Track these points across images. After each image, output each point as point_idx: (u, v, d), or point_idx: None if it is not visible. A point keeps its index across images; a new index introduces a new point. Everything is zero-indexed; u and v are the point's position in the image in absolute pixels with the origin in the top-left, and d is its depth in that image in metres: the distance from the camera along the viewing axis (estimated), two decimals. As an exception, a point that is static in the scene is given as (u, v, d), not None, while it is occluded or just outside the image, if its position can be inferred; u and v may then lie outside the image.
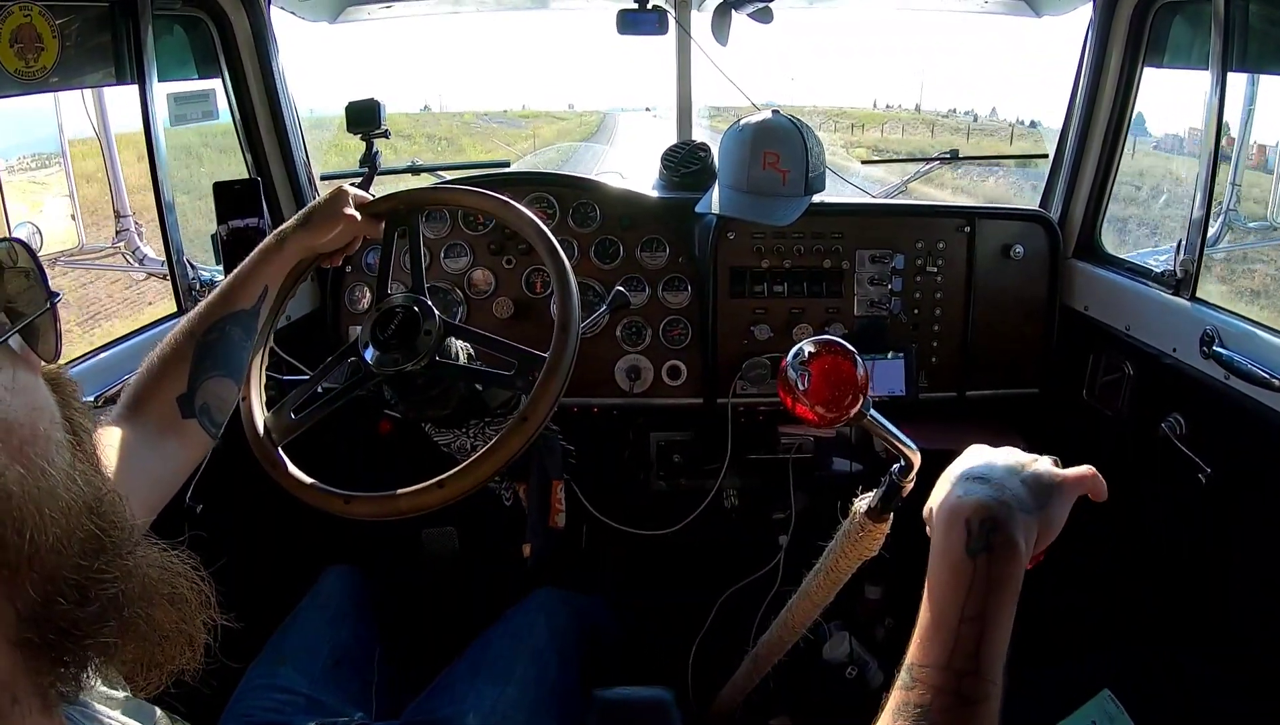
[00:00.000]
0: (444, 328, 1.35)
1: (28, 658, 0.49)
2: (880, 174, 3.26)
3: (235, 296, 1.20)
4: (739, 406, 2.17)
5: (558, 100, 31.60)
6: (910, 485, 1.17)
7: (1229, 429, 1.64)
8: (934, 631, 0.63)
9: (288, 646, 1.50)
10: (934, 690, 0.60)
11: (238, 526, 1.90)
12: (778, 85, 15.52)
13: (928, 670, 0.61)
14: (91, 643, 0.52)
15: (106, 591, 0.52)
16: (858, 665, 2.12)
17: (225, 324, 1.17)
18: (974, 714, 0.60)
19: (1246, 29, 1.70)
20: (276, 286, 1.26)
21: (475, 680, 1.43)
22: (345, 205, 1.32)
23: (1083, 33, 2.10)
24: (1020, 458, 0.75)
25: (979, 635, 0.61)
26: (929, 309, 2.18)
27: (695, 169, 2.27)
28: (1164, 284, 1.86)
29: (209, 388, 1.12)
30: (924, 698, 0.60)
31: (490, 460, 1.16)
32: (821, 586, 1.36)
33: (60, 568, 0.50)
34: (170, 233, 1.87)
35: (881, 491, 1.20)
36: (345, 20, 2.44)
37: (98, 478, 0.55)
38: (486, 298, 2.20)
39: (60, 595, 0.50)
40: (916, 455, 1.14)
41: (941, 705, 0.60)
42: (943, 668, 0.61)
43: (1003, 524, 0.66)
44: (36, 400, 0.52)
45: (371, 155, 2.11)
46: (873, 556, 1.29)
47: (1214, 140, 1.74)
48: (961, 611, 0.62)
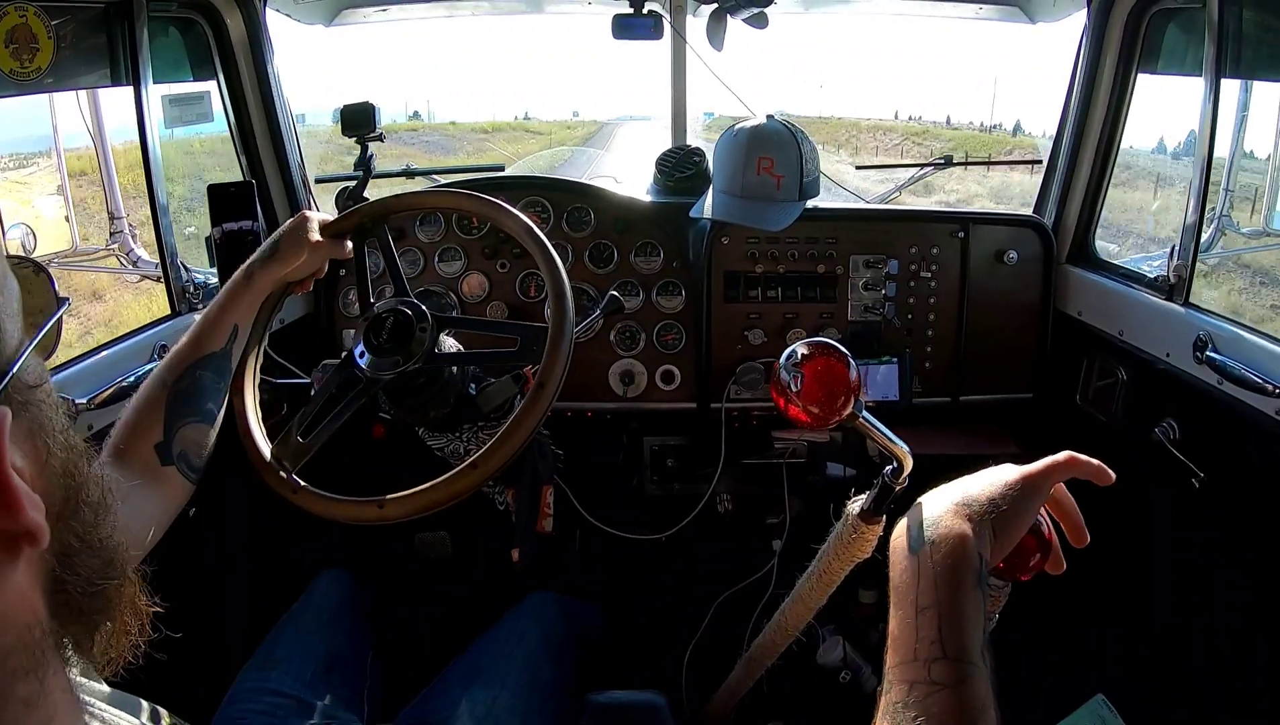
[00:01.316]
0: (436, 323, 1.35)
1: (51, 615, 0.51)
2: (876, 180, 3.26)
3: (205, 340, 1.21)
4: (733, 411, 2.17)
5: (562, 110, 31.47)
6: (902, 487, 1.17)
7: (1222, 434, 1.65)
8: (899, 631, 0.64)
9: (280, 650, 1.49)
10: (909, 684, 0.61)
11: (231, 531, 1.89)
12: (802, 92, 15.59)
13: (899, 668, 0.63)
14: (86, 610, 0.54)
15: (104, 556, 0.54)
16: (851, 670, 2.12)
17: (196, 369, 1.18)
18: (954, 696, 0.60)
19: (1240, 35, 1.70)
20: (247, 324, 1.26)
21: (468, 685, 1.43)
22: (309, 232, 1.32)
23: (1076, 39, 2.11)
24: (992, 474, 0.78)
25: (936, 622, 0.63)
26: (923, 314, 2.19)
27: (690, 174, 2.27)
28: (1157, 289, 1.86)
29: (185, 435, 1.14)
30: (903, 694, 0.61)
31: (510, 441, 1.17)
32: (814, 589, 1.36)
33: (84, 524, 0.53)
34: (164, 235, 1.87)
35: (874, 493, 1.20)
36: (340, 23, 2.44)
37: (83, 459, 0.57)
38: (480, 302, 2.20)
39: (81, 552, 0.53)
40: (908, 457, 1.14)
41: (919, 697, 0.60)
42: (910, 662, 0.62)
43: (939, 517, 0.71)
44: (48, 377, 0.55)
45: (366, 159, 2.11)
46: (865, 559, 1.29)
47: (1208, 146, 1.75)
48: (916, 605, 0.64)
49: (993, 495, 0.73)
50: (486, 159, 13.25)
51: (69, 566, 0.51)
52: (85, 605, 0.53)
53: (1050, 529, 0.81)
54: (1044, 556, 0.80)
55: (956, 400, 2.22)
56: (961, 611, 0.64)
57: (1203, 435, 1.70)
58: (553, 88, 70.03)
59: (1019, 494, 0.73)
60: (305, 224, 1.32)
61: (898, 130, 18.29)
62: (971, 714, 0.59)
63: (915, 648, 0.62)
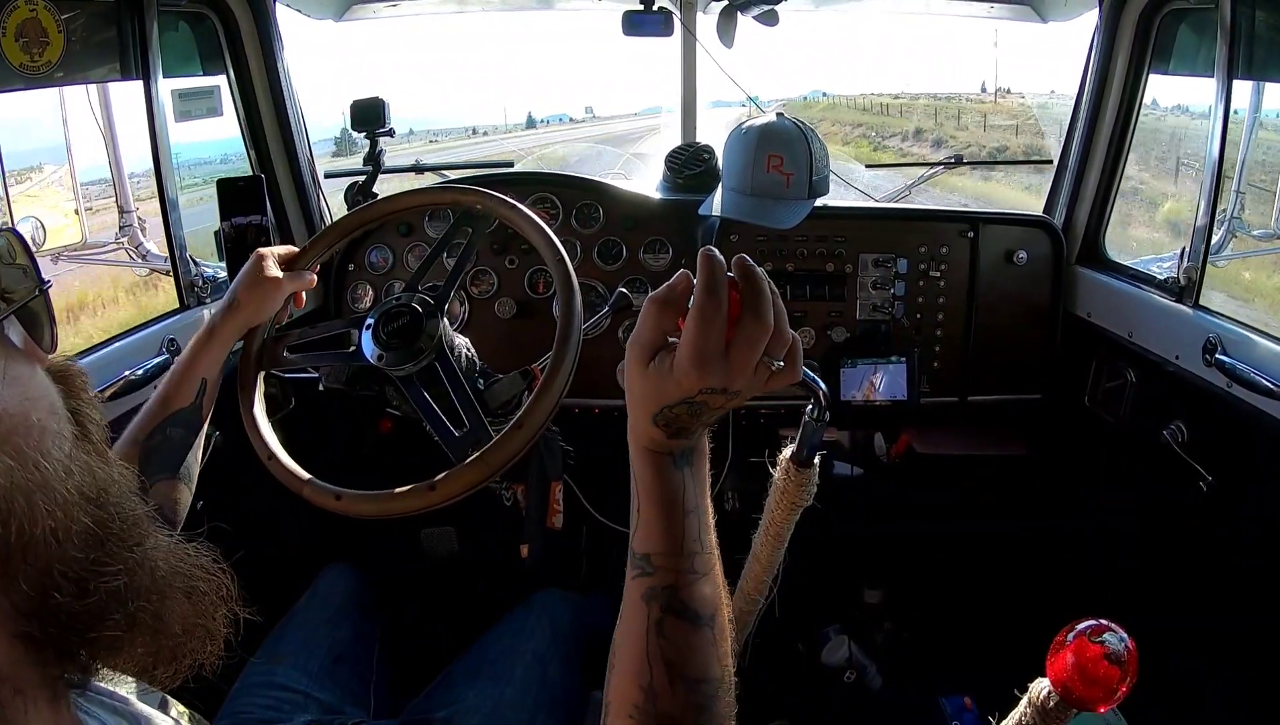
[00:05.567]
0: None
1: (29, 650, 0.49)
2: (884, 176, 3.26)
3: (174, 397, 1.21)
4: (740, 409, 2.17)
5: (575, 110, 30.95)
6: (821, 424, 1.22)
7: (1231, 437, 1.64)
8: (664, 529, 0.72)
9: (286, 644, 1.50)
10: (676, 573, 0.71)
11: (237, 523, 1.90)
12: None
13: (664, 557, 0.71)
14: (95, 636, 0.51)
15: (108, 584, 0.52)
16: (856, 669, 2.13)
17: (166, 426, 1.19)
18: (709, 581, 0.72)
19: (1253, 35, 1.69)
20: (215, 379, 1.26)
21: (475, 681, 1.43)
22: (267, 271, 1.31)
23: (1088, 38, 2.10)
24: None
25: (697, 523, 0.73)
26: (931, 313, 2.18)
27: (699, 171, 2.27)
28: (1167, 291, 1.86)
29: (159, 490, 1.16)
30: (669, 579, 0.71)
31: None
32: (767, 544, 1.39)
33: (56, 560, 0.49)
34: (173, 229, 1.87)
35: (799, 436, 1.24)
36: (350, 18, 2.44)
37: (103, 469, 0.55)
38: (489, 298, 2.20)
39: (56, 589, 0.49)
40: (823, 391, 1.20)
41: (684, 582, 0.71)
42: (679, 553, 0.71)
43: (688, 441, 0.74)
44: (31, 391, 0.52)
45: (375, 154, 2.11)
46: (808, 506, 1.32)
47: (1219, 146, 1.74)
48: (682, 508, 0.72)
49: (665, 401, 0.71)
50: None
51: (50, 604, 0.49)
52: (90, 630, 0.51)
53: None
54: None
55: (965, 400, 2.22)
56: (708, 514, 0.75)
57: (1211, 438, 1.70)
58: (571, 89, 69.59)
59: (683, 361, 0.69)
60: (261, 265, 1.31)
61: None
62: (722, 591, 0.73)
63: (683, 543, 0.72)
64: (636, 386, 0.73)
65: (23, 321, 0.55)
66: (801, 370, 0.76)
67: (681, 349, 0.68)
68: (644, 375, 0.72)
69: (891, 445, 2.37)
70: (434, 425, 1.23)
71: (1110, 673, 0.79)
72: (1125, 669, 0.80)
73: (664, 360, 0.71)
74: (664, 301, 0.73)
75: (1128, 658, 0.80)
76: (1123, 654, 0.79)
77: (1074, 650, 0.81)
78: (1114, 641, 0.80)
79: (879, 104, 17.90)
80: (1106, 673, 0.79)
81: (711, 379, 0.68)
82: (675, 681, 0.69)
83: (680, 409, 0.71)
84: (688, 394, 0.69)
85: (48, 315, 0.57)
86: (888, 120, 16.99)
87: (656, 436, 0.73)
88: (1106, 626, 0.81)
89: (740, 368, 0.69)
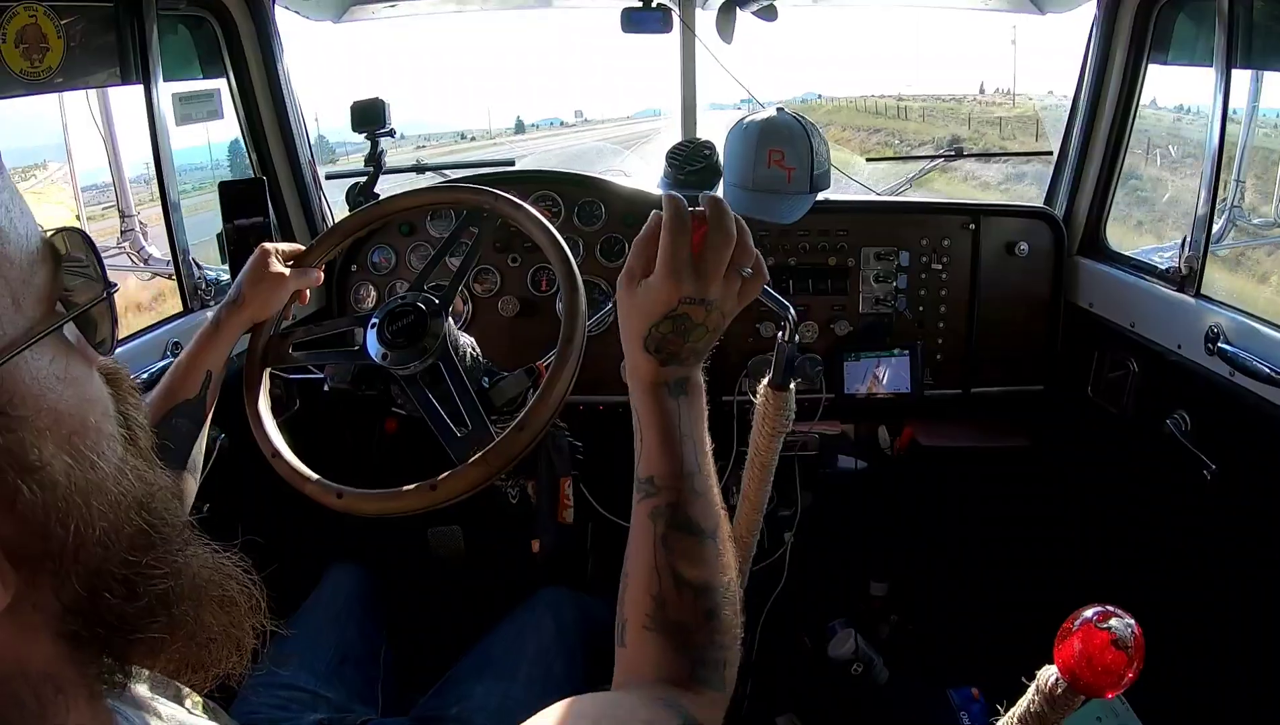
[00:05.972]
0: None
1: (73, 649, 0.49)
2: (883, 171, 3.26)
3: (178, 389, 1.21)
4: (745, 404, 2.17)
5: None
6: (792, 344, 1.29)
7: (1234, 426, 1.64)
8: (665, 450, 0.80)
9: (293, 644, 1.50)
10: (677, 492, 0.78)
11: (243, 524, 1.90)
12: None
13: (665, 478, 0.78)
14: (139, 638, 0.51)
15: (155, 588, 0.52)
16: (863, 662, 2.13)
17: (172, 417, 1.19)
18: (707, 500, 0.79)
19: (1251, 25, 1.69)
20: (220, 371, 1.26)
21: (481, 678, 1.43)
22: (272, 266, 1.30)
23: (1087, 29, 2.10)
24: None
25: (694, 449, 0.81)
26: (934, 306, 2.19)
27: (700, 167, 2.27)
28: (1169, 281, 1.86)
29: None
30: (671, 498, 0.78)
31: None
32: (754, 478, 1.42)
33: (107, 562, 0.49)
34: (176, 232, 1.87)
35: (774, 360, 1.30)
36: (350, 20, 2.44)
37: (150, 473, 0.54)
38: (492, 296, 2.20)
39: (107, 589, 0.49)
40: (792, 317, 1.28)
41: (685, 500, 0.78)
42: (679, 474, 0.79)
43: (680, 369, 0.84)
44: (88, 392, 0.51)
45: (377, 154, 2.11)
46: (788, 431, 1.36)
47: (1219, 136, 1.74)
48: (679, 433, 0.81)
49: (652, 319, 0.81)
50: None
51: (100, 605, 0.49)
52: (135, 632, 0.51)
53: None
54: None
55: (968, 392, 2.22)
56: (705, 443, 0.83)
57: (1214, 427, 1.70)
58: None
59: (655, 289, 0.80)
60: (265, 260, 1.30)
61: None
62: (721, 511, 0.80)
63: (682, 464, 0.79)
64: (626, 309, 0.83)
65: (76, 321, 0.53)
66: (767, 275, 0.86)
67: (657, 266, 0.79)
68: (631, 296, 0.82)
69: (895, 438, 2.37)
70: (436, 425, 1.23)
71: (1117, 658, 0.79)
72: (1132, 655, 0.80)
73: (647, 283, 0.80)
74: (644, 239, 0.82)
75: (1134, 643, 0.80)
76: (1129, 639, 0.80)
77: (1081, 637, 0.81)
78: (1120, 627, 0.80)
79: (891, 106, 17.61)
80: (1114, 659, 0.79)
81: (686, 287, 0.78)
82: (683, 589, 0.76)
83: (665, 326, 0.80)
84: (669, 307, 0.79)
85: (110, 317, 0.56)
86: (906, 125, 16.71)
87: (650, 367, 0.82)
88: (1112, 612, 0.81)
89: (711, 275, 0.79)
